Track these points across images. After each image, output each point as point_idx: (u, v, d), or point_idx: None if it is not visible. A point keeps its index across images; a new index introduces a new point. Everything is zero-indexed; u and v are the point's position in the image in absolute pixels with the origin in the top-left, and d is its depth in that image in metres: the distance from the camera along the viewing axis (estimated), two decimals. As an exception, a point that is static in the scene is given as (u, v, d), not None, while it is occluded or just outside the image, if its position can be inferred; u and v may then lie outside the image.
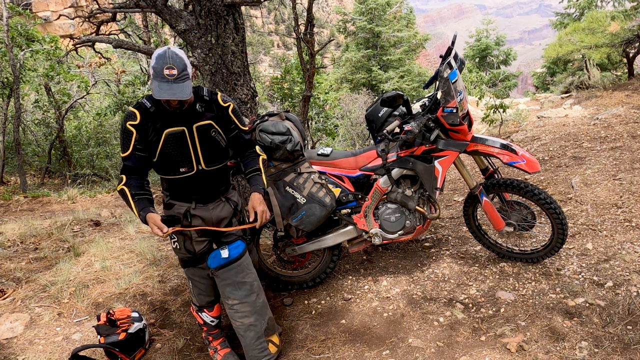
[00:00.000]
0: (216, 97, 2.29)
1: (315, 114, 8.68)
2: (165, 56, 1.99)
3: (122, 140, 2.19)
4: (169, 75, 1.98)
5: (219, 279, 2.33)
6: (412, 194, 2.96)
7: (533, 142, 5.93)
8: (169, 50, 2.02)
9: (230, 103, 2.32)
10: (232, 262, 2.31)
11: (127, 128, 2.14)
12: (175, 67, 1.98)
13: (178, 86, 2.00)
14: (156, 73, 2.00)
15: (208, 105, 2.26)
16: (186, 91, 2.02)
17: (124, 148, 2.18)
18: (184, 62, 2.02)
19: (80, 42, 4.17)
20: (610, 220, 3.41)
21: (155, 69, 2.00)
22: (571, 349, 2.25)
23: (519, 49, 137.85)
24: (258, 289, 2.40)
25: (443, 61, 2.72)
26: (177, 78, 1.99)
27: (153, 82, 2.02)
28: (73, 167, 11.19)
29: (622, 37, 8.85)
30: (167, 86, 1.99)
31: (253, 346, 2.36)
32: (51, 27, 37.58)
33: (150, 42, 9.00)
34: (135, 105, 2.18)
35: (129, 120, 2.14)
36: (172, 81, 1.99)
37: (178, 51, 2.04)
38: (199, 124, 2.23)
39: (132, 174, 2.21)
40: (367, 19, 22.44)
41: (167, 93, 1.99)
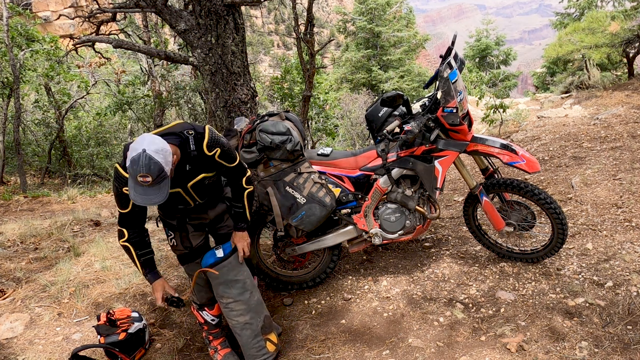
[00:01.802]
0: (202, 148, 2.13)
1: (315, 114, 8.68)
2: (140, 163, 1.81)
3: (118, 200, 2.11)
4: (142, 182, 1.84)
5: (211, 278, 2.34)
6: (412, 194, 2.96)
7: (533, 142, 5.93)
8: (143, 155, 1.82)
9: (217, 149, 2.17)
10: (222, 261, 2.31)
11: (123, 193, 2.06)
12: (150, 175, 1.82)
13: (153, 190, 1.88)
14: (130, 176, 1.87)
15: (196, 160, 2.16)
16: (161, 195, 1.90)
17: (122, 206, 2.12)
18: (160, 166, 1.84)
19: (80, 42, 4.17)
20: (610, 220, 3.41)
21: (129, 172, 1.86)
22: (571, 349, 2.25)
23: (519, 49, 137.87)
24: (251, 287, 2.40)
25: (443, 61, 2.72)
26: (153, 183, 1.87)
27: (129, 182, 1.90)
28: (73, 167, 11.20)
29: (622, 37, 8.85)
30: (141, 190, 1.88)
31: (250, 345, 2.36)
32: (51, 27, 37.58)
33: (150, 42, 8.99)
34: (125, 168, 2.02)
35: (124, 186, 2.04)
36: (147, 186, 1.88)
37: (154, 153, 1.84)
38: (192, 183, 2.22)
39: (133, 227, 2.19)
40: (367, 19, 22.44)
41: (142, 199, 1.88)
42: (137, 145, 1.86)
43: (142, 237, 2.22)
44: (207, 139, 2.14)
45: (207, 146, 2.14)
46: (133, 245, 2.19)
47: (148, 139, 1.89)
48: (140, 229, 2.22)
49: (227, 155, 2.24)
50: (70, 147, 11.63)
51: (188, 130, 2.12)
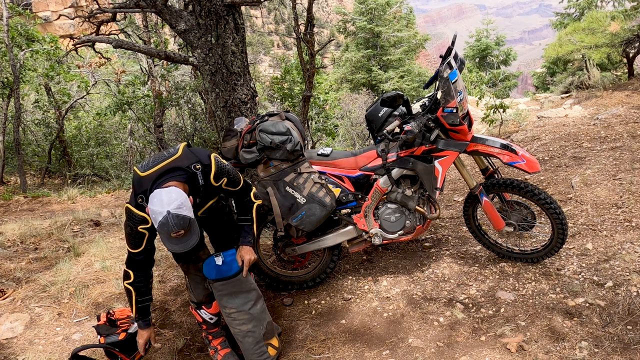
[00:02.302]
0: (209, 180, 2.17)
1: (315, 114, 8.68)
2: (169, 224, 1.89)
3: (131, 240, 2.14)
4: (177, 237, 1.94)
5: (216, 290, 2.34)
6: (412, 194, 2.96)
7: (533, 142, 5.93)
8: (169, 216, 1.88)
9: (223, 179, 2.21)
10: (231, 277, 2.32)
11: (139, 231, 2.09)
12: (182, 229, 1.92)
13: (187, 237, 1.97)
14: (163, 234, 1.94)
15: (204, 191, 2.21)
16: (195, 237, 1.99)
17: (134, 246, 2.14)
18: (187, 218, 1.92)
19: (80, 42, 4.17)
20: (610, 220, 3.40)
21: (160, 232, 1.93)
22: (571, 349, 2.25)
23: (519, 49, 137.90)
24: (256, 297, 2.40)
25: (443, 61, 2.72)
26: (185, 234, 1.95)
27: (161, 237, 1.97)
28: (73, 167, 11.20)
29: (622, 37, 8.85)
30: (176, 241, 1.96)
31: (252, 351, 2.37)
32: (51, 27, 37.59)
33: (150, 42, 8.98)
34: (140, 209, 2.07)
35: (140, 225, 2.07)
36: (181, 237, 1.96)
37: (178, 210, 1.90)
38: (202, 211, 2.32)
39: (140, 271, 2.21)
40: (367, 19, 22.44)
41: (180, 247, 1.97)
42: (159, 207, 1.90)
43: (147, 284, 2.25)
44: (214, 172, 2.17)
45: (215, 178, 2.18)
46: (136, 291, 2.22)
47: (165, 198, 1.92)
48: (146, 274, 2.24)
49: (233, 182, 2.29)
50: (70, 147, 11.63)
51: (195, 165, 2.12)
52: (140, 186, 2.08)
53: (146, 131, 10.91)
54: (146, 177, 2.07)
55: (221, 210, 2.56)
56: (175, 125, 10.74)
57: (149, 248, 2.17)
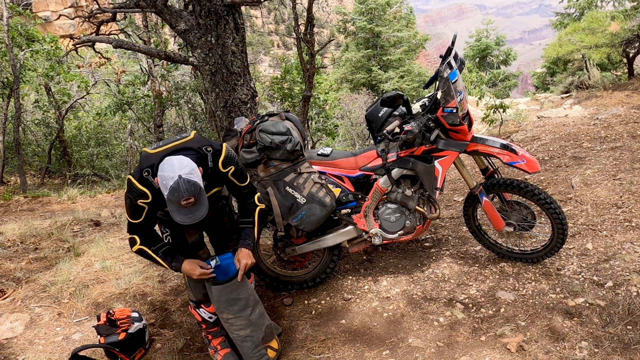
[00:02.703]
0: (218, 164, 2.19)
1: (315, 114, 8.68)
2: (180, 189, 1.89)
3: (130, 211, 2.13)
4: (186, 204, 1.93)
5: (212, 294, 2.32)
6: (412, 194, 2.96)
7: (533, 142, 5.93)
8: (181, 180, 1.88)
9: (231, 167, 2.23)
10: (227, 281, 2.29)
11: (138, 205, 2.09)
12: (192, 197, 1.91)
13: (196, 207, 1.97)
14: (172, 202, 1.93)
15: (212, 175, 2.21)
16: (204, 209, 1.99)
17: (134, 217, 2.14)
18: (198, 185, 1.93)
19: (80, 42, 4.17)
20: (610, 220, 3.41)
21: (170, 199, 1.92)
22: (571, 349, 2.25)
23: (519, 49, 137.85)
24: (254, 303, 2.38)
25: (443, 61, 2.72)
26: (195, 203, 1.95)
27: (169, 205, 1.96)
28: (73, 167, 11.20)
29: (622, 37, 8.84)
30: (185, 211, 1.96)
31: (251, 354, 2.36)
32: (51, 27, 37.58)
33: (150, 42, 8.98)
34: (141, 180, 2.06)
35: (139, 199, 2.07)
36: (191, 206, 1.95)
37: (190, 175, 1.91)
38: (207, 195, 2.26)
39: (144, 234, 2.21)
40: (367, 19, 22.44)
41: (188, 218, 1.97)
42: (170, 172, 1.91)
43: (154, 237, 2.24)
44: (223, 156, 2.19)
45: (223, 163, 2.20)
46: (148, 246, 2.21)
47: (176, 163, 1.94)
48: (151, 232, 2.24)
49: (240, 175, 2.30)
50: (70, 147, 11.63)
51: (206, 147, 2.16)
52: (147, 160, 2.07)
53: (146, 131, 10.91)
54: (155, 154, 2.08)
55: (221, 210, 2.56)
56: (175, 125, 10.75)
57: (148, 217, 2.17)
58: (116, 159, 11.92)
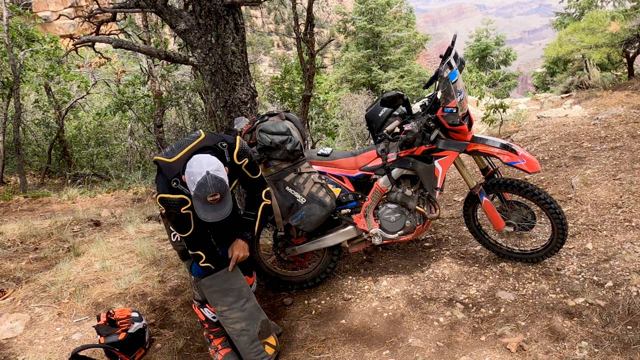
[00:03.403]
0: (233, 157, 2.23)
1: (315, 114, 8.68)
2: (207, 185, 1.94)
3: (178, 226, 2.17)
4: (212, 201, 1.97)
5: (204, 287, 2.33)
6: (412, 194, 2.96)
7: (533, 142, 5.93)
8: (209, 176, 1.94)
9: (245, 160, 2.27)
10: (214, 272, 2.31)
11: (183, 214, 2.12)
12: (219, 193, 1.97)
13: (221, 205, 2.02)
14: (198, 198, 1.98)
15: (230, 169, 2.23)
16: (228, 207, 2.04)
17: (184, 230, 2.17)
18: (224, 182, 1.99)
19: (80, 42, 4.17)
20: (610, 220, 3.41)
21: (197, 195, 1.96)
22: (571, 349, 2.25)
23: (519, 49, 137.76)
24: (247, 294, 2.39)
25: (443, 61, 2.72)
26: (220, 200, 1.99)
27: (195, 201, 2.01)
28: (73, 167, 11.19)
29: (622, 37, 8.85)
30: (210, 208, 2.00)
31: (248, 350, 2.36)
32: (51, 27, 37.58)
33: (150, 42, 8.98)
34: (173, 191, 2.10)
35: (182, 207, 2.10)
36: (216, 203, 1.99)
37: (217, 172, 1.97)
38: None
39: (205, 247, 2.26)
40: (367, 19, 22.44)
41: (212, 216, 2.02)
42: (197, 168, 1.96)
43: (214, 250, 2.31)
44: (237, 149, 2.23)
45: (238, 155, 2.24)
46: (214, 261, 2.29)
47: (204, 160, 1.99)
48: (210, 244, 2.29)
49: (253, 167, 2.34)
50: (70, 147, 11.62)
51: (221, 143, 2.20)
52: (171, 171, 2.09)
53: (146, 131, 10.91)
54: (176, 161, 2.10)
55: None
56: (175, 125, 10.74)
57: (198, 226, 2.19)
58: (116, 159, 11.91)
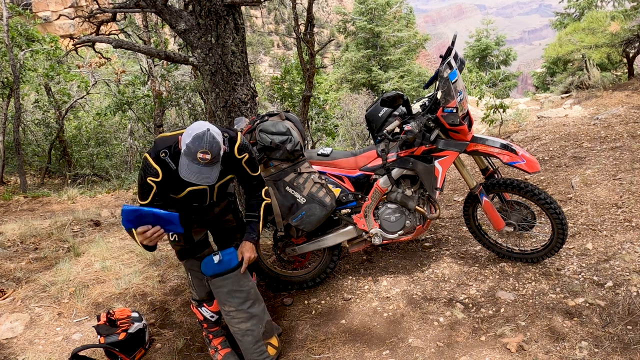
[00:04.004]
0: (233, 150, 2.22)
1: (315, 114, 8.68)
2: (204, 139, 1.91)
3: (140, 189, 2.16)
4: (201, 159, 1.93)
5: (214, 287, 2.33)
6: (412, 194, 2.96)
7: (533, 142, 5.93)
8: (208, 132, 1.93)
9: (245, 155, 2.26)
10: (229, 272, 2.31)
11: (147, 182, 2.09)
12: (210, 153, 1.93)
13: (207, 169, 1.97)
14: (188, 152, 1.94)
15: (227, 161, 2.23)
16: (213, 176, 2.00)
17: (142, 197, 2.16)
18: (219, 146, 1.97)
19: (80, 42, 4.17)
20: (610, 220, 3.41)
21: (189, 147, 1.93)
22: (571, 349, 2.25)
23: (519, 49, 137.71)
24: (255, 296, 2.40)
25: (443, 61, 2.72)
26: (209, 162, 1.95)
27: (182, 158, 1.97)
28: (73, 167, 11.19)
29: (622, 37, 8.84)
30: (196, 168, 1.95)
31: (251, 350, 2.36)
32: (51, 27, 37.57)
33: (150, 42, 8.98)
34: (156, 159, 2.07)
35: (149, 176, 2.07)
36: (203, 164, 1.95)
37: (217, 134, 1.96)
38: (221, 182, 2.30)
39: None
40: (367, 19, 22.44)
41: (195, 177, 1.97)
42: (200, 125, 1.95)
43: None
44: (239, 143, 2.22)
45: (238, 149, 2.22)
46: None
47: (210, 125, 1.98)
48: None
49: (252, 163, 2.33)
50: (70, 147, 11.63)
51: (223, 134, 2.18)
52: (164, 142, 2.08)
53: (146, 131, 10.91)
54: (172, 136, 2.10)
55: (227, 208, 2.55)
56: (175, 125, 10.75)
57: (155, 204, 2.16)
58: (116, 159, 11.92)
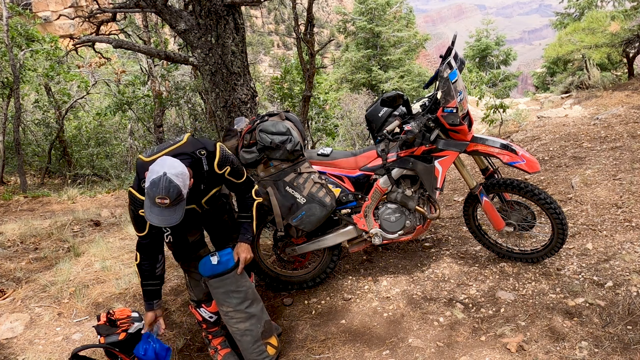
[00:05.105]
0: (213, 166, 2.19)
1: (315, 114, 8.68)
2: (159, 186, 1.87)
3: (134, 223, 2.17)
4: (160, 204, 1.90)
5: (211, 288, 2.34)
6: (412, 194, 2.96)
7: (533, 142, 5.93)
8: (164, 178, 1.88)
9: (227, 168, 2.23)
10: (226, 273, 2.31)
11: (140, 215, 2.10)
12: (168, 198, 1.89)
13: (169, 211, 1.94)
14: (148, 196, 1.92)
15: (209, 178, 2.22)
16: (176, 217, 1.96)
17: (139, 229, 2.17)
18: (178, 189, 1.90)
19: (80, 42, 4.17)
20: (610, 220, 3.41)
21: (147, 192, 1.91)
22: (571, 349, 2.25)
23: (519, 49, 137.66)
24: (252, 296, 2.40)
25: (443, 61, 2.72)
26: (169, 206, 1.92)
27: (145, 201, 1.96)
28: (73, 167, 11.19)
29: (622, 37, 8.84)
30: (157, 211, 1.93)
31: (251, 350, 2.36)
32: (51, 27, 37.56)
33: (150, 42, 8.98)
34: (140, 191, 2.08)
35: (141, 209, 2.07)
36: (164, 207, 1.93)
37: (175, 177, 1.90)
38: (206, 198, 2.31)
39: (145, 254, 2.25)
40: (367, 19, 22.44)
41: (157, 219, 1.94)
42: (158, 167, 1.92)
43: (152, 268, 2.27)
44: (217, 158, 2.19)
45: (218, 165, 2.20)
46: (140, 274, 2.28)
47: (168, 162, 1.95)
48: (152, 258, 2.26)
49: (236, 172, 2.31)
50: (70, 147, 11.62)
51: (200, 151, 2.16)
52: (143, 169, 2.07)
53: (146, 131, 10.91)
54: (150, 162, 2.08)
55: (222, 209, 2.56)
56: (175, 125, 10.75)
57: (153, 232, 2.18)
58: (116, 159, 11.91)
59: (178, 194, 1.91)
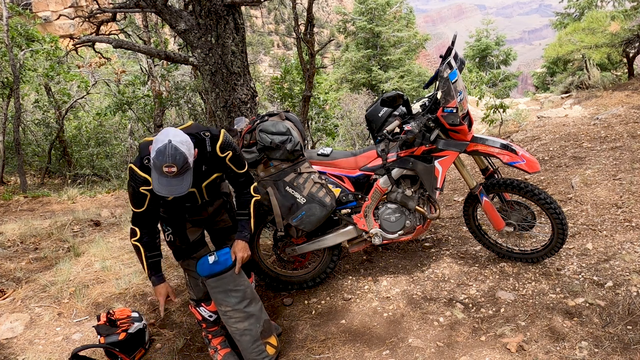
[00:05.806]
0: (215, 148, 2.20)
1: (315, 114, 8.68)
2: (165, 153, 1.88)
3: (133, 199, 2.16)
4: (167, 172, 1.91)
5: (210, 287, 2.33)
6: (412, 194, 2.96)
7: (533, 142, 5.93)
8: (169, 145, 1.88)
9: (228, 152, 2.24)
10: (224, 272, 2.31)
11: (140, 192, 2.10)
12: (175, 165, 1.89)
13: (176, 180, 1.95)
14: (155, 167, 1.92)
15: (211, 160, 2.22)
16: (184, 186, 1.97)
17: (137, 205, 2.16)
18: (185, 156, 1.91)
19: (80, 42, 4.17)
20: (610, 220, 3.41)
21: (154, 162, 1.91)
22: (571, 349, 2.25)
23: (519, 49, 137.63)
24: (251, 295, 2.40)
25: (443, 61, 2.72)
26: (177, 174, 1.93)
27: (152, 174, 1.97)
28: (73, 167, 11.19)
29: (622, 37, 8.85)
30: (165, 181, 1.94)
31: (250, 349, 2.36)
32: (51, 27, 37.56)
33: (150, 42, 8.98)
34: (142, 168, 2.08)
35: (141, 186, 2.08)
36: (171, 177, 1.93)
37: (180, 144, 1.91)
38: (207, 182, 2.30)
39: (145, 227, 2.23)
40: (367, 19, 22.45)
41: (165, 190, 1.95)
42: (162, 137, 1.92)
43: (153, 239, 2.26)
44: (221, 141, 2.21)
45: (220, 147, 2.21)
46: (143, 246, 2.23)
47: (172, 131, 1.96)
48: (152, 230, 2.25)
49: (237, 161, 2.31)
50: (70, 147, 11.62)
51: (204, 132, 2.19)
52: (147, 148, 2.08)
53: (146, 131, 10.91)
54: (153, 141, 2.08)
55: (222, 207, 2.56)
56: (175, 125, 10.73)
57: (151, 208, 2.18)
58: (116, 159, 11.91)
59: (184, 161, 1.92)
